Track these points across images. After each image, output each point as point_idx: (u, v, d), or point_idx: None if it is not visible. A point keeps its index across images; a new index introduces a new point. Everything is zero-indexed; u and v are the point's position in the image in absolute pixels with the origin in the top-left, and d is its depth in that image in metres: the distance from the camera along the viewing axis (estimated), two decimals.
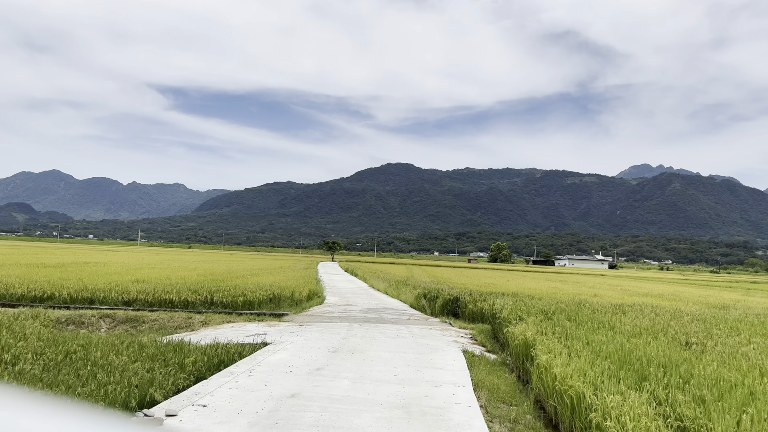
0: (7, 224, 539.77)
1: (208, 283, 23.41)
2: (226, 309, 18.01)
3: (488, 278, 47.91)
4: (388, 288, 29.72)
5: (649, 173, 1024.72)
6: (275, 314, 18.01)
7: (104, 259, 46.49)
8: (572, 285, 42.33)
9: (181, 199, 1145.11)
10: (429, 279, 38.78)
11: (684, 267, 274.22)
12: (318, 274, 48.64)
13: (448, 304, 20.62)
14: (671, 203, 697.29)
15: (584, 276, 79.54)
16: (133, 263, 41.69)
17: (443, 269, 78.17)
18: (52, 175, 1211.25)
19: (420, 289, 24.77)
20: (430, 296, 22.25)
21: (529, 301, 15.82)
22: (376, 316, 18.86)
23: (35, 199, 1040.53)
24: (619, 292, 33.88)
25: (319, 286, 29.51)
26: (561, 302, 19.66)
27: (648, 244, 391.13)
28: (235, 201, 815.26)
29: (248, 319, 15.85)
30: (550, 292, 28.97)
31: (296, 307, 20.59)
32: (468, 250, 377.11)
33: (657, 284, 55.89)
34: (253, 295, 19.01)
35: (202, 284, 22.49)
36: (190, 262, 52.71)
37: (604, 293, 30.40)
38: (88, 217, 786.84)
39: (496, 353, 12.37)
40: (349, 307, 21.38)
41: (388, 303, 23.95)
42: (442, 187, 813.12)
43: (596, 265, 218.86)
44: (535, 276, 62.43)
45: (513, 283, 39.81)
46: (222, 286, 21.11)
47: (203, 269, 37.80)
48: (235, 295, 18.62)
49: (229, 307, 18.13)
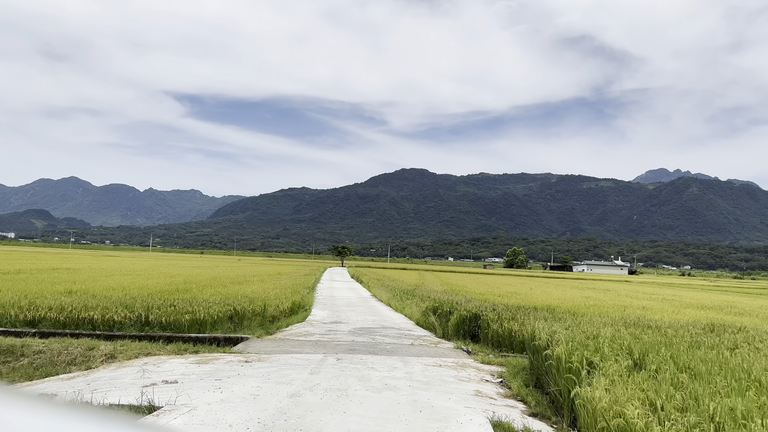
0: (26, 230, 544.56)
1: (165, 294, 18.85)
2: (165, 331, 13.37)
3: (508, 286, 42.88)
4: (392, 299, 24.85)
5: (666, 178, 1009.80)
6: (230, 339, 13.34)
7: (84, 266, 42.25)
8: (605, 294, 37.16)
9: (197, 205, 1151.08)
10: (442, 287, 33.90)
11: (705, 272, 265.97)
12: (318, 281, 44.01)
13: (464, 323, 15.78)
14: (689, 208, 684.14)
15: (609, 282, 73.94)
16: (112, 269, 37.36)
17: (458, 275, 73.13)
18: (70, 181, 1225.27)
19: (429, 301, 19.91)
20: (441, 311, 17.41)
21: (587, 327, 10.89)
22: (368, 340, 14.09)
23: (54, 206, 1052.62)
24: (665, 303, 28.70)
25: (309, 297, 24.80)
26: (617, 322, 14.76)
27: (666, 250, 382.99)
28: (250, 207, 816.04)
29: (179, 349, 11.15)
30: (588, 304, 23.99)
31: (267, 326, 15.91)
32: (483, 256, 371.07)
33: (693, 292, 50.39)
34: (207, 311, 14.34)
35: (159, 295, 17.98)
36: (181, 267, 48.38)
37: (653, 305, 25.31)
38: (106, 224, 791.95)
39: (547, 416, 7.52)
40: (336, 325, 16.62)
41: (388, 319, 19.14)
42: (456, 193, 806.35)
43: (615, 270, 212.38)
44: (558, 283, 57.18)
45: (538, 292, 34.79)
46: (175, 299, 16.51)
47: (187, 275, 33.34)
48: (182, 312, 13.97)
49: (169, 328, 13.49)
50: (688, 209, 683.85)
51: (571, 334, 8.96)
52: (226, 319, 14.55)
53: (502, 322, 14.57)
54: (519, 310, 16.92)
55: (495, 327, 14.49)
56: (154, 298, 17.21)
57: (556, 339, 8.66)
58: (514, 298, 26.26)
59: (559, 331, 9.46)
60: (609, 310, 20.76)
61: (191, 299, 17.06)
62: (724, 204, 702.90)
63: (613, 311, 19.98)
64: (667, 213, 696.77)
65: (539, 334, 9.83)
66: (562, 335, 8.76)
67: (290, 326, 16.59)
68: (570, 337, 8.72)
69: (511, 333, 14.05)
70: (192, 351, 11.08)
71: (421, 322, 18.12)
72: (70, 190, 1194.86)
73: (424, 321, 18.02)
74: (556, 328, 9.62)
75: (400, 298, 24.36)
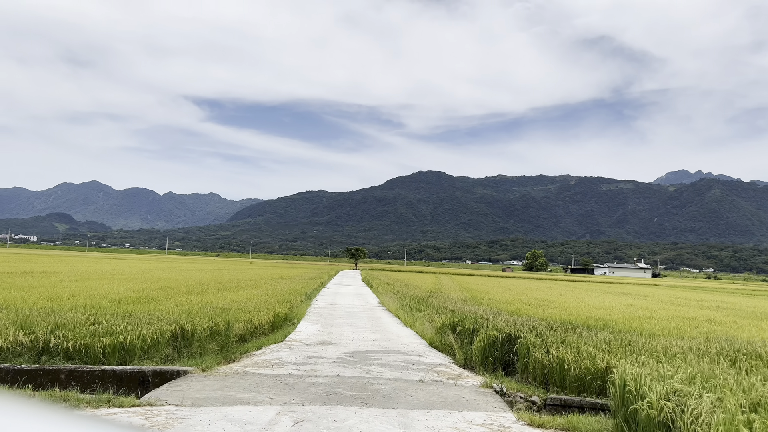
0: (48, 234, 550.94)
1: (124, 303, 15.05)
2: (70, 361, 9.44)
3: (534, 290, 38.48)
4: (401, 309, 20.66)
5: (688, 179, 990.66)
6: (162, 374, 9.36)
7: (68, 269, 38.89)
8: (646, 300, 32.64)
9: (216, 209, 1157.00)
10: (461, 293, 29.69)
11: (732, 276, 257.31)
12: (324, 286, 40.04)
13: (494, 347, 11.61)
14: (711, 210, 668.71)
15: (638, 286, 68.94)
16: (94, 273, 33.81)
17: (477, 279, 68.69)
18: (91, 185, 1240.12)
19: (447, 314, 15.71)
20: (463, 328, 13.22)
21: (688, 364, 6.64)
22: (359, 373, 9.99)
23: (75, 210, 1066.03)
24: (728, 313, 24.12)
25: (302, 306, 20.74)
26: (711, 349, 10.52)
27: (688, 252, 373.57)
28: (268, 210, 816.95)
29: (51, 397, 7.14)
30: (641, 316, 19.63)
31: (230, 349, 11.91)
32: (501, 259, 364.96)
33: (740, 298, 45.40)
34: (140, 331, 10.37)
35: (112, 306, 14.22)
36: (178, 271, 44.82)
37: (719, 317, 20.80)
38: (126, 227, 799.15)
39: None
40: (323, 349, 12.51)
41: (394, 337, 15.00)
42: (473, 195, 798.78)
43: (638, 273, 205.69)
44: (587, 287, 52.50)
45: (570, 298, 30.40)
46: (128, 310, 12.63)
47: (172, 280, 29.61)
48: (99, 334, 10.03)
49: (78, 356, 9.55)
50: (710, 211, 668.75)
51: (713, 402, 4.72)
52: (165, 342, 10.56)
53: (548, 348, 10.40)
54: (566, 328, 12.71)
55: (539, 355, 10.31)
56: (102, 309, 13.41)
57: (691, 409, 4.48)
58: (546, 307, 21.99)
59: (681, 391, 5.20)
60: (673, 325, 16.43)
61: (146, 312, 13.20)
62: (747, 205, 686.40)
63: (682, 327, 15.63)
64: (689, 215, 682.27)
65: (638, 385, 5.64)
66: (699, 404, 4.54)
67: (263, 348, 12.58)
68: (711, 406, 4.52)
69: (563, 365, 9.88)
70: (73, 402, 7.07)
71: (436, 342, 13.94)
72: (92, 194, 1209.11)
73: (439, 341, 13.85)
74: (650, 372, 5.57)
75: (411, 308, 20.16)
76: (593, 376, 9.67)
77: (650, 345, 10.87)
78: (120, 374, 9.27)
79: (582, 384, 9.72)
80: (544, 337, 11.05)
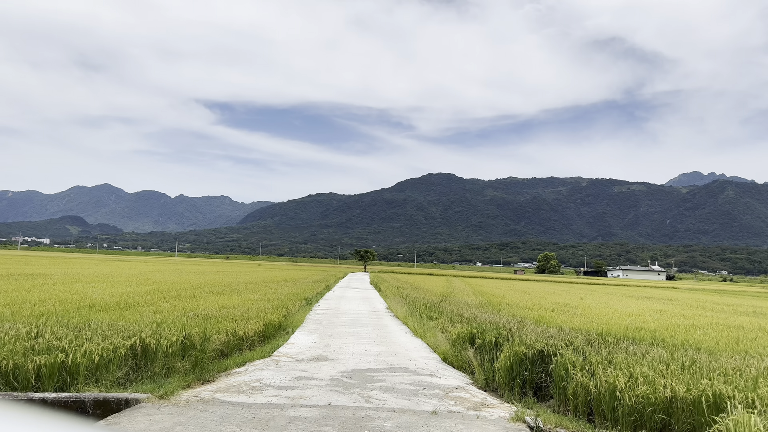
0: (61, 236, 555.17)
1: (96, 310, 13.18)
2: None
3: (551, 294, 36.23)
4: (410, 315, 18.57)
5: (700, 181, 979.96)
6: (103, 402, 7.40)
7: (61, 271, 37.30)
8: (674, 305, 30.31)
9: (227, 211, 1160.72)
10: (475, 297, 27.56)
11: (749, 278, 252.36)
12: (330, 289, 38.05)
13: (522, 365, 9.53)
14: (725, 212, 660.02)
15: (656, 289, 66.30)
16: (86, 276, 32.07)
17: (490, 282, 66.37)
18: (104, 188, 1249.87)
19: (463, 323, 13.62)
20: (483, 341, 11.12)
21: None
22: (356, 402, 7.95)
23: (88, 212, 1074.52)
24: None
25: (300, 313, 18.72)
26: None
27: (701, 254, 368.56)
28: (278, 212, 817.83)
29: None
30: (681, 324, 17.43)
31: (204, 366, 9.93)
32: (512, 261, 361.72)
33: (765, 301, 42.81)
34: (79, 349, 8.41)
35: (79, 312, 12.39)
36: (176, 273, 43.06)
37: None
38: (138, 230, 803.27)
39: None
40: (316, 367, 10.45)
41: (401, 351, 12.90)
42: (484, 197, 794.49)
43: (653, 276, 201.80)
44: (606, 291, 50.10)
45: (591, 303, 28.17)
46: (94, 318, 10.73)
47: (168, 282, 27.76)
48: (37, 351, 8.09)
49: (6, 380, 7.61)
50: (723, 213, 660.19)
51: None
52: (119, 360, 8.58)
53: (592, 370, 8.32)
54: (607, 342, 10.60)
55: (582, 378, 8.22)
56: (60, 318, 11.51)
57: None
58: (571, 314, 19.84)
59: None
60: (724, 336, 14.26)
61: (111, 321, 11.30)
62: (761, 207, 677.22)
63: (740, 339, 13.44)
64: (702, 217, 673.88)
65: None
66: None
67: (246, 365, 10.59)
68: None
69: (613, 392, 7.80)
70: None
71: (451, 358, 11.85)
72: (104, 196, 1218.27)
73: (455, 356, 11.76)
74: None
75: (420, 314, 18.07)
76: (654, 407, 7.58)
77: (719, 365, 8.74)
78: (52, 403, 7.31)
79: (640, 418, 7.63)
80: (585, 354, 8.94)
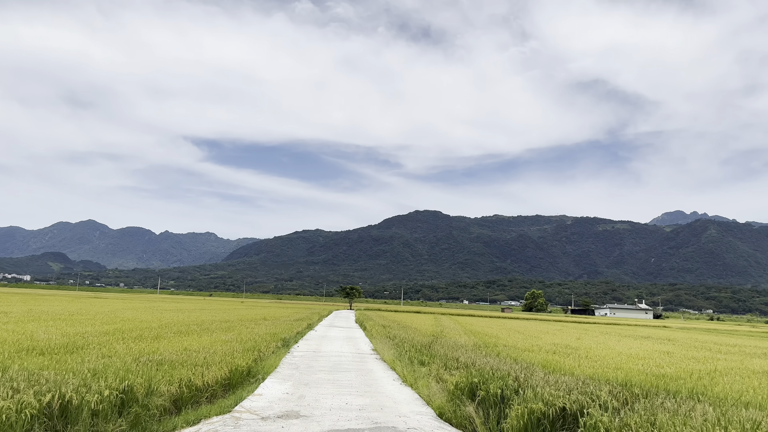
0: (42, 273, 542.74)
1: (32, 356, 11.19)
2: None
3: (545, 334, 34.41)
4: (398, 359, 16.59)
5: (683, 220, 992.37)
6: None
7: (21, 309, 34.88)
8: (674, 346, 28.62)
9: (212, 248, 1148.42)
10: (468, 337, 25.67)
11: (735, 317, 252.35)
12: (312, 328, 35.87)
13: (539, 427, 7.72)
14: (708, 250, 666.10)
15: (648, 328, 64.68)
16: (47, 314, 29.76)
17: (480, 320, 64.37)
18: (88, 225, 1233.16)
19: (461, 369, 11.78)
20: (487, 394, 9.30)
21: None
22: None
23: (71, 249, 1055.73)
24: None
25: (274, 357, 16.70)
26: None
27: (687, 293, 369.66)
28: (264, 249, 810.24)
29: None
30: (699, 370, 15.70)
31: (145, 428, 7.99)
32: (498, 299, 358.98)
33: (760, 341, 41.34)
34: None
35: None
36: (150, 311, 40.67)
37: None
38: (121, 266, 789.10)
39: None
40: (282, 428, 8.52)
41: (389, 402, 10.97)
42: (470, 235, 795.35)
43: (640, 314, 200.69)
44: (600, 330, 48.36)
45: (590, 343, 26.41)
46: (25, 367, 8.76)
47: (135, 320, 25.59)
48: None
49: None
50: (707, 251, 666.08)
51: None
52: (23, 425, 6.65)
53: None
54: (635, 395, 8.86)
55: None
56: None
57: None
58: (574, 356, 18.07)
59: None
60: (757, 383, 12.59)
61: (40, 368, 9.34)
62: (743, 246, 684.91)
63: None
64: (686, 255, 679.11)
65: None
66: None
67: (200, 423, 8.65)
68: None
69: None
70: None
71: (448, 413, 9.96)
72: (88, 233, 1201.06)
73: (453, 411, 9.88)
74: None
75: (410, 358, 16.13)
76: None
77: None
78: None
79: None
80: (620, 413, 7.17)
